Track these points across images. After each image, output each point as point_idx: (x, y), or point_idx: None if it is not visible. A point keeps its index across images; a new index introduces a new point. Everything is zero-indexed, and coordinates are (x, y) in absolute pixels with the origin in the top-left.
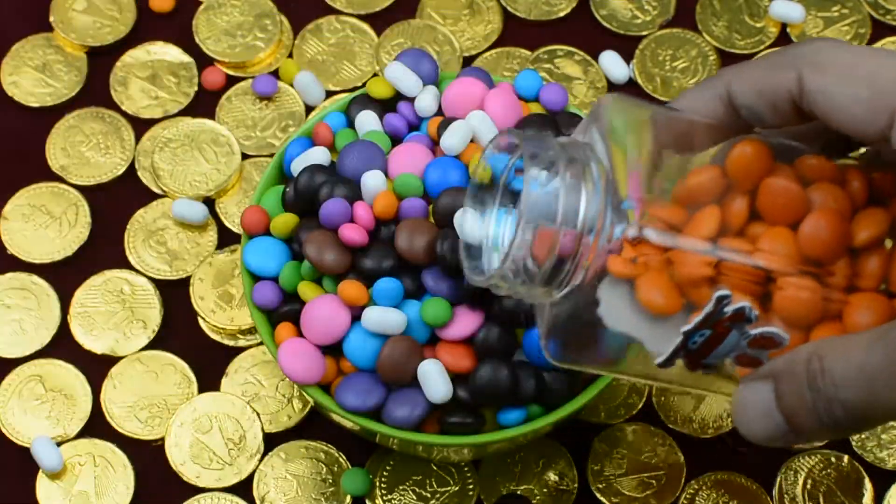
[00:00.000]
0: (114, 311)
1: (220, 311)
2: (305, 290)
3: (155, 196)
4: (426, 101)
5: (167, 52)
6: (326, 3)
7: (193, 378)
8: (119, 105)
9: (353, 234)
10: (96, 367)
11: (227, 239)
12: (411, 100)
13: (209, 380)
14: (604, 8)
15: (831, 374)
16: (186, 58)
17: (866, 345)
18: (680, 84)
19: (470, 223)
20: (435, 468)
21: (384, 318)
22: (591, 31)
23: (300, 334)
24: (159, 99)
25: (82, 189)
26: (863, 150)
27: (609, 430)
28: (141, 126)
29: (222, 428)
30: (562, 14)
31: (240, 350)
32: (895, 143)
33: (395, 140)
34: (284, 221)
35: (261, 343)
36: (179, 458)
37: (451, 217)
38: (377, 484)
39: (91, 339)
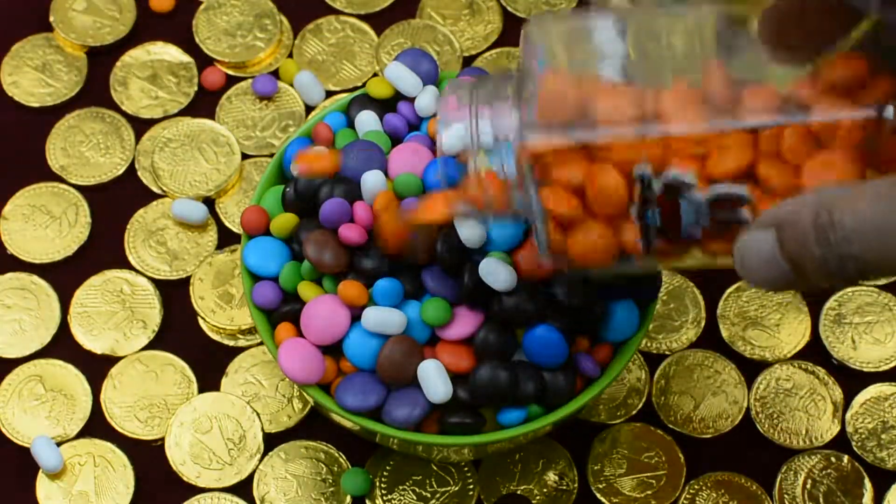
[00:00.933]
0: (114, 311)
1: (220, 311)
2: (305, 290)
3: (155, 196)
4: (426, 100)
5: (167, 52)
6: (326, 3)
7: (193, 378)
8: (119, 105)
9: (352, 233)
10: (96, 367)
11: (227, 239)
12: (411, 100)
13: (209, 380)
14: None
15: (842, 229)
16: (186, 58)
17: (877, 197)
18: None
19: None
20: (435, 468)
21: (384, 318)
22: None
23: (300, 334)
24: (159, 99)
25: (82, 189)
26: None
27: (609, 430)
28: (141, 126)
29: (222, 428)
30: None
31: (240, 350)
32: None
33: (395, 140)
34: (284, 221)
35: (261, 343)
36: (179, 458)
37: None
38: (377, 484)
39: (91, 340)
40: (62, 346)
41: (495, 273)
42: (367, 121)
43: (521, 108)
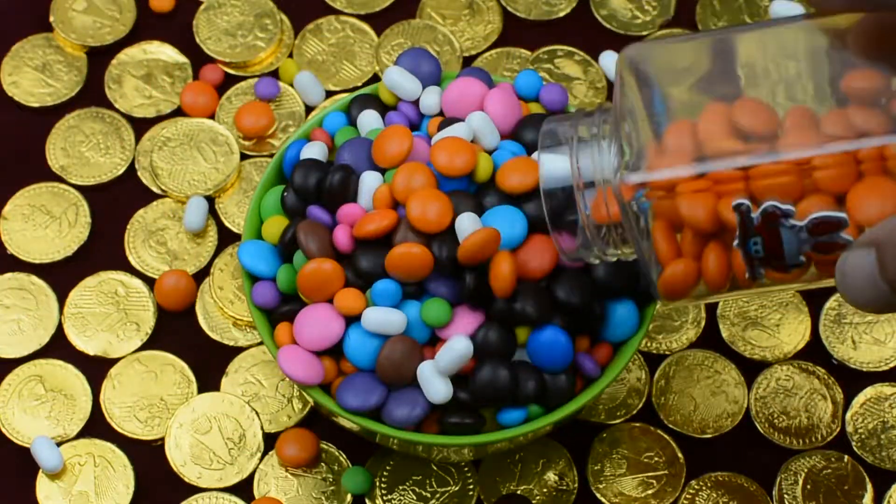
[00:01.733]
0: (107, 313)
1: (238, 302)
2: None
3: (155, 196)
4: (431, 100)
5: (163, 52)
6: (326, 3)
7: (193, 378)
8: (112, 103)
9: (342, 236)
10: (96, 368)
11: (227, 238)
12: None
13: (209, 380)
14: (604, 8)
15: None
16: (182, 58)
17: None
18: None
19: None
20: (435, 468)
21: (384, 318)
22: (591, 31)
23: None
24: (152, 98)
25: (82, 189)
26: None
27: (609, 430)
28: (141, 126)
29: (221, 428)
30: (562, 14)
31: (240, 350)
32: None
33: None
34: (275, 227)
35: (261, 343)
36: (180, 460)
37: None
38: (377, 484)
39: (84, 341)
40: (61, 346)
41: None
42: (368, 120)
43: (623, 145)
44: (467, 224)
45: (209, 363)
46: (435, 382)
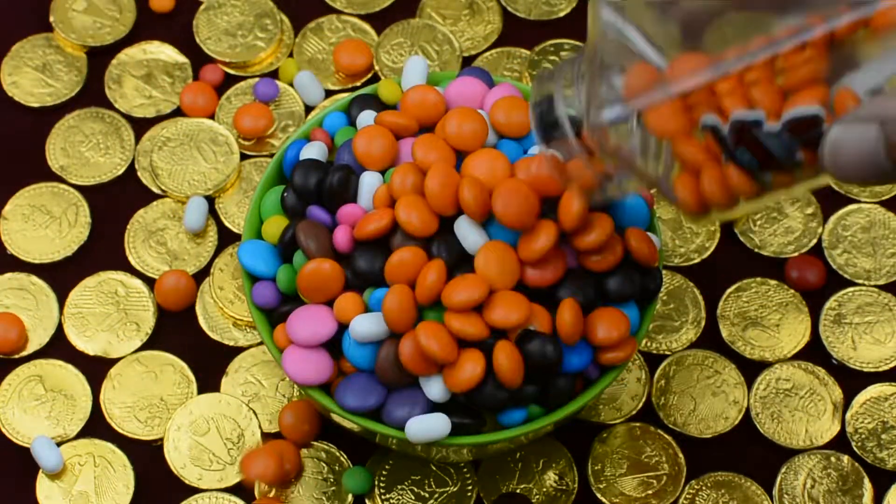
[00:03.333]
0: (108, 313)
1: (238, 302)
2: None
3: (155, 196)
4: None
5: (163, 52)
6: (327, 3)
7: (193, 378)
8: (112, 103)
9: (342, 236)
10: (96, 368)
11: (227, 238)
12: None
13: (209, 380)
14: None
15: None
16: (182, 58)
17: None
18: None
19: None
20: (434, 468)
21: (372, 325)
22: None
23: None
24: (152, 98)
25: (82, 189)
26: None
27: (609, 430)
28: (140, 126)
29: (220, 428)
30: (562, 14)
31: (240, 350)
32: None
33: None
34: (275, 227)
35: (261, 343)
36: (180, 462)
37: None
38: (376, 483)
39: (84, 341)
40: (61, 346)
41: None
42: (369, 120)
43: (594, 82)
44: (466, 223)
45: (209, 363)
46: (435, 382)
